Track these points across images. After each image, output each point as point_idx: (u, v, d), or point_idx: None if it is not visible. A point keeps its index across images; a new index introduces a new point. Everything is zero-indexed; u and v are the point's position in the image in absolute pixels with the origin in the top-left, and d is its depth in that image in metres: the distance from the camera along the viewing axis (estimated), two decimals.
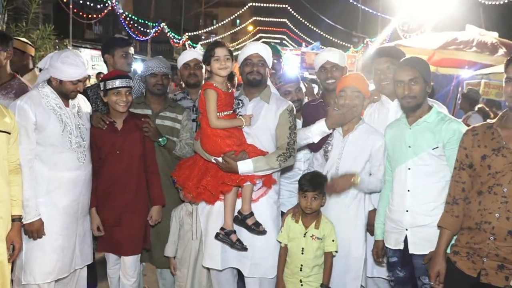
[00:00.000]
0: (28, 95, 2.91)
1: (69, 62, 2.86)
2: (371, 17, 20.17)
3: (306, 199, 2.83)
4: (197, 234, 3.27)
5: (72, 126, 2.96)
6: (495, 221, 2.21)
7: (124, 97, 3.09)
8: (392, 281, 2.89)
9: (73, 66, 2.87)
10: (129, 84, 3.13)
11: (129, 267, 3.24)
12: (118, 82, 3.08)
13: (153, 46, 24.10)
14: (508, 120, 2.31)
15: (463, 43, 7.16)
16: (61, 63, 2.85)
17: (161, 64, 3.48)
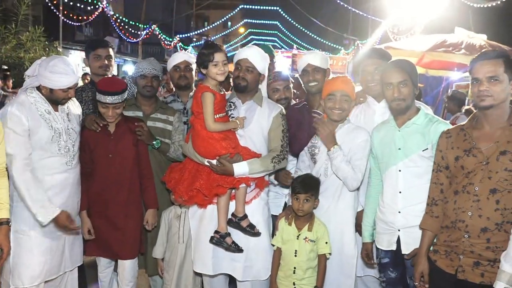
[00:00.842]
0: (18, 101, 2.86)
1: (58, 71, 2.82)
2: (361, 20, 20.27)
3: (298, 201, 2.83)
4: (184, 238, 3.26)
5: (62, 131, 2.94)
6: (468, 219, 2.26)
7: (111, 111, 3.08)
8: (384, 282, 2.90)
9: (63, 75, 2.82)
10: (117, 101, 3.06)
11: (127, 272, 3.23)
12: (105, 99, 3.04)
13: (144, 48, 24.00)
14: (478, 121, 2.36)
15: (452, 45, 7.25)
16: (50, 73, 2.81)
17: (151, 66, 3.47)
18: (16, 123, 2.75)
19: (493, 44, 7.46)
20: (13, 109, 2.77)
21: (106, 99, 3.03)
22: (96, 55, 3.66)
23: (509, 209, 2.19)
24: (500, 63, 2.24)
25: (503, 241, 2.19)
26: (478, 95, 2.26)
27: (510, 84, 2.25)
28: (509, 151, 2.21)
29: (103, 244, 3.19)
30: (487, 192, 2.23)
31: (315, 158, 3.03)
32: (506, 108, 2.29)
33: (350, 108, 2.98)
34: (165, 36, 24.88)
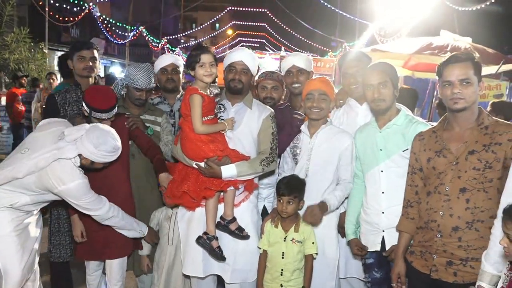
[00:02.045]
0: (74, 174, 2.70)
1: (108, 150, 2.70)
2: (349, 22, 20.42)
3: (282, 203, 2.84)
4: (173, 240, 3.25)
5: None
6: (440, 218, 2.31)
7: (107, 123, 2.98)
8: (369, 282, 2.93)
9: (112, 154, 2.75)
10: (112, 114, 3.00)
11: (115, 271, 3.19)
12: (103, 116, 2.95)
13: (131, 50, 23.89)
14: (448, 123, 2.41)
15: (438, 48, 7.33)
16: (98, 150, 2.68)
17: (147, 80, 3.33)
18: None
19: (477, 47, 7.55)
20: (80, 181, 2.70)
21: (102, 116, 2.96)
22: (80, 56, 3.62)
23: (479, 208, 2.24)
24: (469, 65, 2.29)
25: (474, 239, 2.24)
26: (451, 98, 2.30)
27: (478, 86, 2.31)
28: (477, 151, 2.26)
29: (92, 246, 3.14)
30: (457, 191, 2.28)
31: (297, 159, 3.05)
32: (475, 110, 2.34)
33: (329, 107, 3.01)
34: (153, 38, 24.80)
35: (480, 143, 2.26)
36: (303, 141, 3.06)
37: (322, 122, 3.01)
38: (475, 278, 2.18)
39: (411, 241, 2.53)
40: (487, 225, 2.22)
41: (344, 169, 2.97)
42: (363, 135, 2.86)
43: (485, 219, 2.23)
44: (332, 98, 3.03)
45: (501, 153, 2.21)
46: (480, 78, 2.33)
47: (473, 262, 2.24)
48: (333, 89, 3.08)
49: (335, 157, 2.97)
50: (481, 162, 2.24)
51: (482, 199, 2.24)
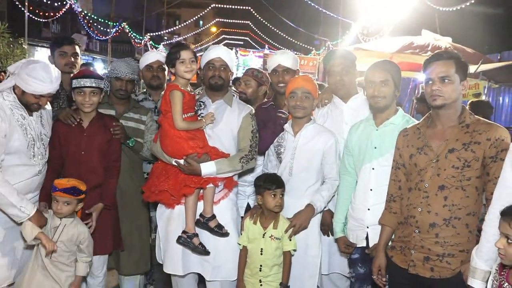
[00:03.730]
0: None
1: (34, 75, 2.71)
2: (332, 21, 20.53)
3: (275, 197, 2.84)
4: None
5: (36, 137, 2.86)
6: (418, 215, 2.34)
7: (88, 97, 3.01)
8: (353, 277, 2.96)
9: (38, 81, 2.72)
10: (94, 84, 3.01)
11: (94, 267, 3.16)
12: (82, 82, 2.99)
13: (114, 46, 23.60)
14: (431, 120, 2.44)
15: (419, 47, 7.44)
16: (27, 75, 2.70)
17: (128, 69, 3.38)
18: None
19: (457, 47, 7.69)
20: None
21: (84, 82, 2.97)
22: (61, 52, 3.58)
23: (457, 205, 2.27)
24: (451, 64, 2.32)
25: (451, 236, 2.28)
26: (431, 95, 2.34)
27: (461, 84, 2.34)
28: (456, 149, 2.29)
29: None
30: (435, 188, 2.31)
31: (281, 157, 3.07)
32: (457, 107, 2.37)
33: (312, 106, 3.03)
34: (135, 34, 24.55)
35: (460, 142, 2.29)
36: (287, 139, 3.07)
37: (305, 121, 3.03)
38: (451, 274, 2.23)
39: (392, 235, 2.57)
40: (463, 222, 2.26)
41: (329, 167, 3.00)
42: (359, 131, 2.87)
43: (462, 216, 2.27)
44: (316, 96, 3.05)
45: (479, 152, 2.24)
46: (464, 77, 2.35)
47: (449, 258, 2.28)
48: (316, 87, 3.09)
49: (319, 156, 2.99)
50: (460, 161, 2.27)
51: (460, 197, 2.28)
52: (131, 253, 3.42)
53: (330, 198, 3.01)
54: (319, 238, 3.05)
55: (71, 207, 2.84)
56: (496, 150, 2.22)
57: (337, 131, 3.08)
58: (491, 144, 2.21)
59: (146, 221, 3.59)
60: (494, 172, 2.21)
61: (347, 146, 2.94)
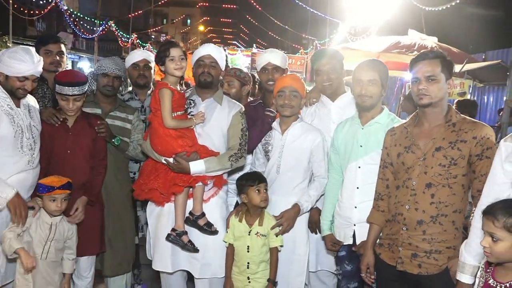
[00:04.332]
0: None
1: (16, 57, 2.72)
2: (320, 20, 20.61)
3: (260, 192, 2.85)
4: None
5: (24, 128, 2.83)
6: (406, 212, 2.37)
7: (71, 104, 2.98)
8: (339, 275, 2.99)
9: (20, 61, 2.72)
10: (77, 92, 2.96)
11: (82, 268, 3.14)
12: (64, 90, 2.95)
13: (100, 45, 23.37)
14: (418, 119, 2.47)
15: (405, 46, 7.51)
16: (8, 58, 2.72)
17: (114, 66, 3.39)
18: None
19: (443, 46, 7.77)
20: None
21: (66, 90, 2.94)
22: (46, 50, 3.54)
23: (444, 203, 2.31)
24: (437, 63, 2.35)
25: (438, 233, 2.31)
26: (417, 94, 2.36)
27: (446, 83, 2.37)
28: (443, 147, 2.32)
29: None
30: (423, 186, 2.34)
31: (269, 155, 3.08)
32: (443, 106, 2.40)
33: (299, 104, 3.04)
34: (122, 33, 24.36)
35: (446, 140, 2.32)
36: (274, 138, 3.08)
37: (293, 119, 3.04)
38: (438, 270, 2.26)
39: (380, 233, 2.59)
40: (450, 219, 2.29)
41: (317, 165, 3.02)
42: (345, 130, 2.89)
43: (448, 213, 2.30)
44: (303, 95, 3.06)
45: (466, 150, 2.27)
46: (450, 76, 2.38)
47: (436, 254, 2.31)
48: (304, 86, 3.11)
49: (306, 154, 3.01)
50: (446, 159, 2.30)
51: (447, 194, 2.31)
52: (115, 254, 3.39)
53: (318, 197, 3.02)
54: (307, 236, 3.07)
55: (67, 202, 2.85)
56: (482, 148, 2.25)
57: (324, 130, 3.10)
58: (477, 142, 2.25)
59: (131, 222, 3.56)
60: (480, 169, 2.25)
61: (333, 144, 2.96)
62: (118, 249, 3.41)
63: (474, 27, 13.93)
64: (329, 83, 3.11)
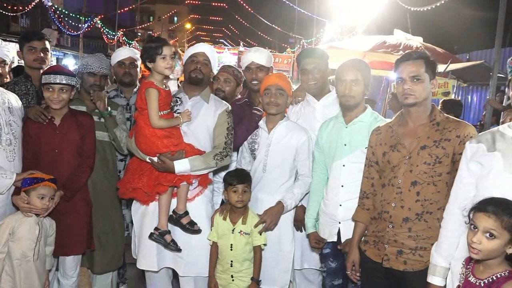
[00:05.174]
0: None
1: None
2: (307, 19, 20.68)
3: (237, 192, 2.86)
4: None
5: (3, 122, 2.79)
6: (392, 210, 2.40)
7: (57, 94, 2.94)
8: (324, 272, 3.00)
9: None
10: (64, 81, 2.94)
11: (68, 267, 3.12)
12: (51, 78, 2.92)
13: (85, 42, 23.13)
14: (403, 118, 2.50)
15: (391, 46, 7.58)
16: None
17: (101, 64, 3.33)
18: None
19: (428, 46, 7.87)
20: None
21: (53, 78, 2.91)
22: (30, 47, 3.48)
23: (429, 200, 2.34)
24: (421, 63, 2.38)
25: (423, 230, 2.34)
26: (402, 94, 2.39)
27: (430, 82, 2.40)
28: (428, 146, 2.35)
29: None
30: (408, 184, 2.37)
31: (255, 154, 3.08)
32: (428, 106, 2.43)
33: (286, 103, 3.05)
34: (108, 30, 24.13)
35: (431, 139, 2.35)
36: (261, 136, 3.09)
37: (279, 118, 3.05)
38: (423, 266, 2.28)
39: (365, 231, 2.62)
40: (435, 216, 2.32)
41: (302, 164, 3.03)
42: (329, 129, 2.91)
43: (433, 210, 2.33)
44: (289, 93, 3.07)
45: (450, 149, 2.30)
46: (433, 76, 2.41)
47: (421, 251, 2.33)
48: (290, 84, 3.12)
49: (292, 152, 3.02)
50: (431, 157, 2.33)
51: (432, 192, 2.33)
52: (105, 252, 3.36)
53: (302, 195, 3.03)
54: (292, 234, 3.08)
55: (53, 202, 2.84)
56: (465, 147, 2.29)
57: (309, 128, 3.11)
58: (460, 141, 2.28)
59: (120, 219, 3.53)
60: None
61: (318, 143, 2.98)
62: (107, 247, 3.38)
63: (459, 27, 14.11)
64: (314, 82, 3.13)
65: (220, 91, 3.45)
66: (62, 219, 2.99)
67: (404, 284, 2.39)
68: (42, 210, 2.77)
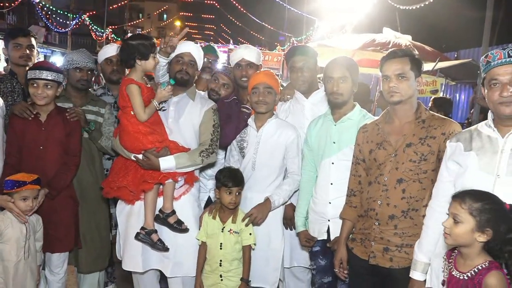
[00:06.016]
0: None
1: None
2: (297, 17, 20.70)
3: (231, 194, 2.85)
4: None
5: None
6: (378, 207, 2.41)
7: (41, 89, 2.92)
8: (314, 269, 3.01)
9: None
10: (50, 77, 2.92)
11: (54, 265, 3.09)
12: (36, 73, 2.90)
13: (74, 39, 22.90)
14: (389, 116, 2.51)
15: (380, 44, 7.62)
16: None
17: (86, 59, 3.34)
18: None
19: (417, 45, 7.91)
20: None
21: (38, 73, 2.89)
22: (16, 43, 3.44)
23: (414, 197, 2.35)
24: (406, 61, 2.39)
25: (409, 227, 2.36)
26: (388, 92, 2.40)
27: (416, 80, 2.41)
28: (413, 143, 2.37)
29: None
30: (394, 182, 2.38)
31: (244, 152, 3.07)
32: (413, 103, 2.44)
33: (274, 100, 3.05)
34: (97, 27, 23.92)
35: (417, 136, 2.37)
36: (250, 134, 3.08)
37: (268, 116, 3.05)
38: (409, 263, 2.30)
39: (353, 228, 2.62)
40: (420, 213, 2.33)
41: (291, 161, 3.03)
42: (318, 127, 2.92)
43: (419, 208, 2.34)
44: (278, 91, 3.06)
45: (435, 146, 2.32)
46: (419, 74, 2.42)
47: (407, 248, 2.35)
48: (278, 82, 3.11)
49: (281, 150, 3.02)
50: (417, 155, 2.34)
51: (417, 189, 2.35)
52: (90, 250, 3.34)
53: (291, 192, 3.03)
54: (281, 232, 3.08)
55: (37, 201, 2.81)
56: None
57: (298, 126, 3.11)
58: (446, 138, 2.29)
59: (106, 218, 3.51)
60: None
61: (307, 141, 2.98)
62: (93, 246, 3.36)
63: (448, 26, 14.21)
64: (303, 80, 3.13)
65: (215, 92, 3.41)
66: (49, 216, 2.97)
67: (390, 281, 2.41)
68: (26, 211, 2.75)
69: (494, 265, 1.78)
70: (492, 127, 2.02)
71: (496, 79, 1.96)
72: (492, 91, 1.98)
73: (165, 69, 2.99)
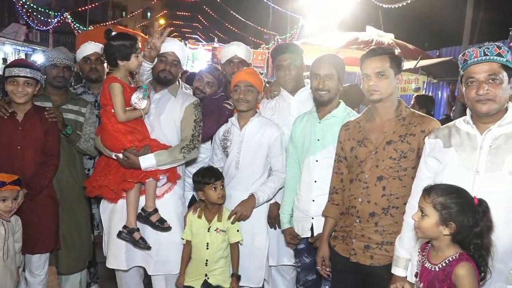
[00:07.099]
0: None
1: None
2: (281, 16, 20.73)
3: (217, 189, 2.83)
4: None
5: None
6: (359, 205, 2.43)
7: (21, 87, 2.88)
8: (299, 267, 3.01)
9: None
10: (29, 74, 2.89)
11: (34, 266, 3.05)
12: (15, 71, 2.86)
13: (55, 37, 22.57)
14: (370, 114, 2.53)
15: (363, 43, 7.68)
16: None
17: (62, 56, 3.31)
18: None
19: (399, 43, 8.00)
20: None
21: (17, 71, 2.85)
22: None
23: (394, 195, 2.37)
24: (386, 59, 2.39)
25: (389, 224, 2.37)
26: (368, 90, 2.41)
27: (396, 78, 2.42)
28: (393, 141, 2.38)
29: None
30: (374, 179, 2.39)
31: (227, 151, 3.06)
32: (394, 101, 2.45)
33: (256, 99, 3.04)
34: (79, 25, 23.60)
35: (397, 134, 2.38)
36: (233, 133, 3.07)
37: (251, 114, 3.04)
38: (389, 261, 2.32)
39: (335, 226, 2.63)
40: (401, 211, 2.34)
41: (275, 160, 3.03)
42: (303, 124, 2.92)
43: (399, 205, 2.36)
44: (260, 89, 3.06)
45: (415, 144, 2.34)
46: (399, 71, 2.43)
47: (388, 245, 2.36)
48: (261, 80, 3.10)
49: (264, 149, 3.01)
50: (397, 152, 2.36)
51: (397, 187, 2.36)
52: (70, 251, 3.30)
53: (275, 189, 3.03)
54: (266, 230, 3.08)
55: (17, 202, 2.76)
56: None
57: (284, 124, 3.11)
58: (425, 136, 2.30)
59: (86, 218, 3.47)
60: None
61: (292, 138, 2.98)
62: (73, 246, 3.32)
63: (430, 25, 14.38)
64: (290, 78, 3.13)
65: (200, 91, 3.40)
66: (28, 216, 2.93)
67: (371, 279, 2.42)
68: (5, 212, 2.70)
69: (464, 256, 1.81)
70: (470, 123, 2.04)
71: (472, 77, 1.99)
72: (469, 89, 2.01)
73: (149, 73, 2.96)
